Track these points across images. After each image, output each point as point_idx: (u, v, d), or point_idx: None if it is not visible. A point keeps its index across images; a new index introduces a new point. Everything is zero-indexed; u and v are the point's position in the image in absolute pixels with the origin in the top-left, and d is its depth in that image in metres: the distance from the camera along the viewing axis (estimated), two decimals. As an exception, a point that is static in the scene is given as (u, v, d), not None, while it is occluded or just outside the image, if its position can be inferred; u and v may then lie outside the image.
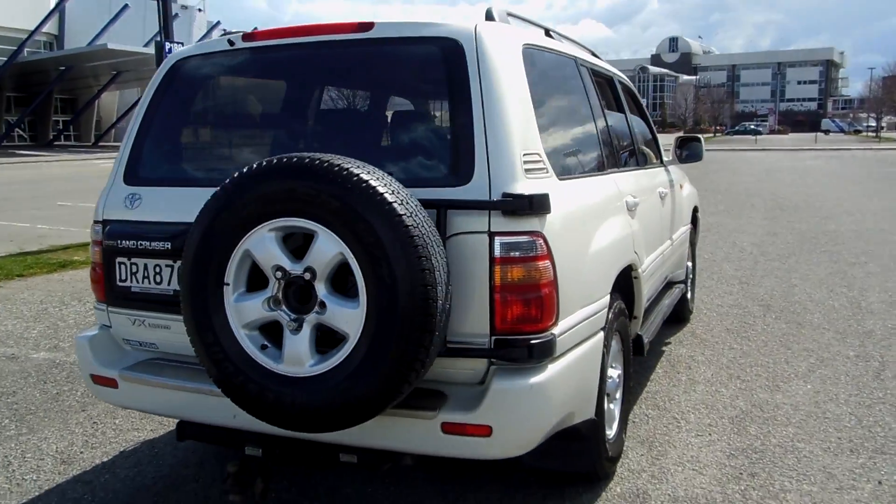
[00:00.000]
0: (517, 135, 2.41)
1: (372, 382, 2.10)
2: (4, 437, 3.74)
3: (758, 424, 3.79)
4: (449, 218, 2.32)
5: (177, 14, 49.71)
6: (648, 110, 5.33)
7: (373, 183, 2.08)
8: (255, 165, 2.20)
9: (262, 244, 2.20)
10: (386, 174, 2.18)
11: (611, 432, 3.23)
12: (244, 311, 2.24)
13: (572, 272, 2.55)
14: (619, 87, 4.17)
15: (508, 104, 2.42)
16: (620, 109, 4.14)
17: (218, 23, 55.93)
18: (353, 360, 2.11)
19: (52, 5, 51.09)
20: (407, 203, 2.11)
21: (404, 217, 2.06)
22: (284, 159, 2.17)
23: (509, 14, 3.00)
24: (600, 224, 2.89)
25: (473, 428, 2.30)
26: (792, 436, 3.64)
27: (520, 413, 2.31)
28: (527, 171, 2.41)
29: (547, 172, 2.56)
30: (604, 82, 4.22)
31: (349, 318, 2.13)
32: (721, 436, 3.66)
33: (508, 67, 2.51)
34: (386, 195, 2.07)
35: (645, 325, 3.99)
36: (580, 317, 2.60)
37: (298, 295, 2.21)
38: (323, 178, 2.09)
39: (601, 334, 2.82)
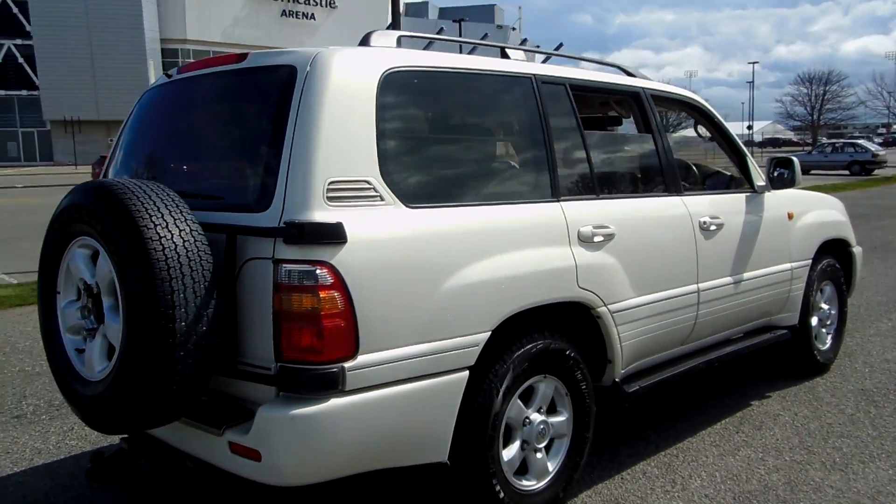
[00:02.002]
0: (324, 162, 2.39)
1: (124, 393, 2.28)
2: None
3: (768, 505, 3.15)
4: (242, 243, 2.41)
5: (486, 34, 52.97)
6: None
7: (129, 207, 2.24)
8: (72, 189, 2.51)
9: (74, 259, 2.51)
10: (163, 198, 2.32)
11: (533, 484, 2.99)
12: (67, 317, 2.57)
13: (393, 307, 2.44)
14: (648, 105, 3.73)
15: (323, 130, 2.41)
16: (647, 130, 3.71)
17: (525, 40, 58.45)
18: (115, 371, 2.32)
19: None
20: (163, 227, 2.24)
21: (148, 241, 2.20)
22: (82, 184, 2.45)
23: (407, 36, 2.95)
24: (483, 256, 2.68)
25: (246, 450, 2.35)
26: (795, 526, 2.98)
27: (285, 443, 2.30)
28: (332, 198, 2.38)
29: (379, 200, 2.49)
30: (620, 101, 3.85)
31: (116, 331, 2.33)
32: (705, 510, 3.12)
33: (340, 93, 2.49)
34: (136, 218, 2.22)
35: (654, 374, 3.55)
36: (409, 353, 2.48)
37: (99, 307, 2.47)
38: (95, 201, 2.34)
39: (464, 374, 2.64)
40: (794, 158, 4.30)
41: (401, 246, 2.50)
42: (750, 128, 65.83)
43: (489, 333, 2.70)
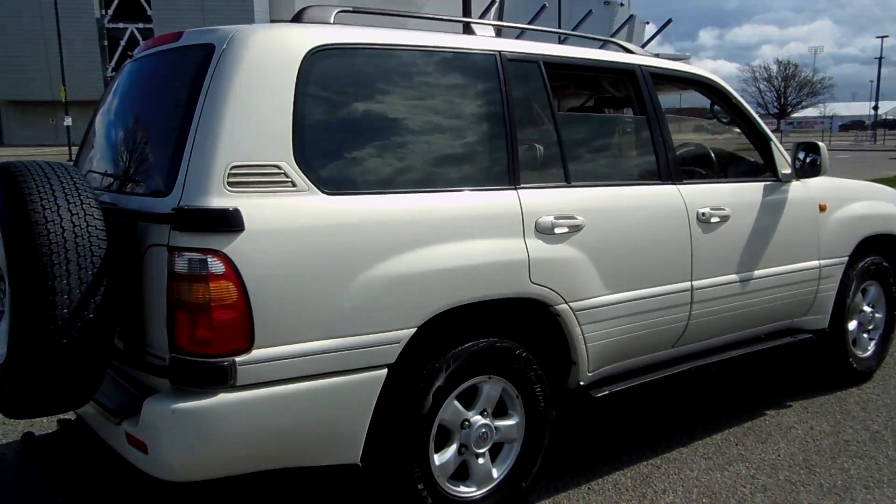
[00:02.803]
0: (227, 145, 2.28)
1: (12, 379, 2.26)
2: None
3: (738, 530, 2.86)
4: (144, 230, 2.35)
5: (591, 11, 51.02)
6: None
7: (21, 189, 2.20)
8: None
9: None
10: (63, 181, 2.26)
11: (472, 490, 2.84)
12: None
13: (298, 300, 2.32)
14: (645, 84, 3.41)
15: (228, 112, 2.30)
16: (642, 112, 3.40)
17: (631, 16, 56.38)
18: (5, 356, 2.31)
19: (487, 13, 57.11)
20: (53, 211, 2.18)
21: (34, 224, 2.15)
22: None
23: (348, 10, 2.79)
24: (408, 248, 2.50)
25: (135, 441, 2.31)
26: (760, 556, 2.68)
27: (169, 437, 2.23)
28: (233, 184, 2.27)
29: (290, 187, 2.36)
30: (614, 80, 3.54)
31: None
32: (666, 530, 2.86)
33: (254, 73, 2.36)
34: (26, 202, 2.17)
35: (633, 378, 3.28)
36: (314, 349, 2.35)
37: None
38: None
39: (381, 372, 2.49)
40: (821, 143, 3.85)
41: (309, 235, 2.36)
42: (875, 108, 61.23)
43: (414, 330, 2.54)
